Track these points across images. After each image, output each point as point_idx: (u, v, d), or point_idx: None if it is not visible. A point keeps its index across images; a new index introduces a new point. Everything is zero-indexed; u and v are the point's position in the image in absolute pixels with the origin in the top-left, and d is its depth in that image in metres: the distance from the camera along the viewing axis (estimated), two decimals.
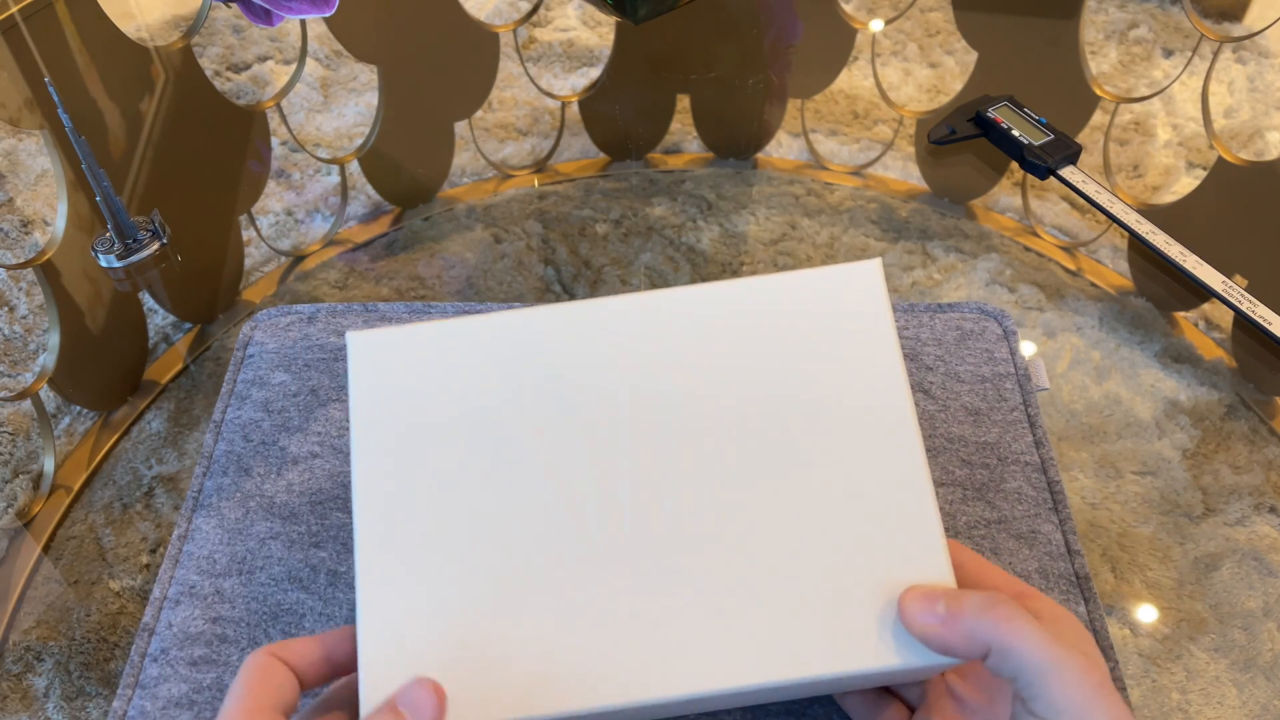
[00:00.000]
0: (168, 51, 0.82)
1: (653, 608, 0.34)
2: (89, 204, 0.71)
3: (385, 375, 0.38)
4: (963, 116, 0.76)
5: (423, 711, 0.32)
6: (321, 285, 0.69)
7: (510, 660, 0.34)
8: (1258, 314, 0.61)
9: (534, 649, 0.34)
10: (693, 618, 0.34)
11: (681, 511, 0.36)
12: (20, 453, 0.58)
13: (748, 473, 0.36)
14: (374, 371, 0.38)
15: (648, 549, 0.35)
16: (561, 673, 0.34)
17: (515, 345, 0.38)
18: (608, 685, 0.33)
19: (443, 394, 0.37)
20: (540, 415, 0.37)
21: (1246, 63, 0.85)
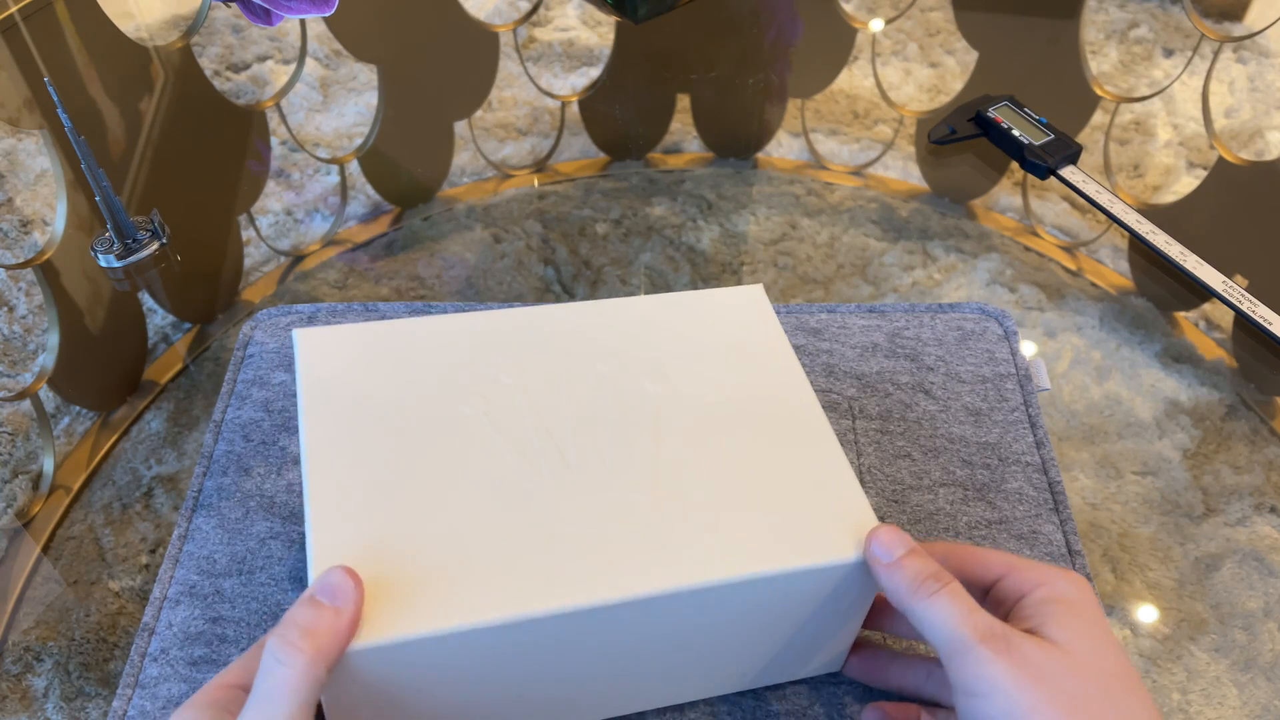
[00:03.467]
0: (167, 51, 0.82)
1: (586, 530, 0.36)
2: (88, 204, 0.71)
3: (330, 363, 0.41)
4: (963, 116, 0.76)
5: (341, 596, 0.32)
6: (321, 285, 0.69)
7: (453, 572, 0.35)
8: (1258, 314, 0.61)
9: (476, 563, 0.35)
10: (624, 538, 0.36)
11: (614, 459, 0.39)
12: (20, 453, 0.58)
13: (672, 431, 0.40)
14: (319, 360, 0.41)
15: (582, 486, 0.38)
16: (501, 582, 0.35)
17: (452, 341, 0.43)
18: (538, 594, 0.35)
19: (382, 377, 0.41)
20: (481, 397, 0.41)
21: (1247, 62, 0.85)
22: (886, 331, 0.55)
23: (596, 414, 0.40)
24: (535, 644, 0.35)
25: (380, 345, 0.42)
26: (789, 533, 0.37)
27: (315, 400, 0.40)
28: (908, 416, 0.51)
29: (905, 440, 0.51)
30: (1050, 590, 0.35)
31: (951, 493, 0.49)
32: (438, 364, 0.42)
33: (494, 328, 0.44)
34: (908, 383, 0.53)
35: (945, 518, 0.48)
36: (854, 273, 0.69)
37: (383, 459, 0.38)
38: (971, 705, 0.33)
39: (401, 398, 0.40)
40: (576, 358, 0.43)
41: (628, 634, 0.37)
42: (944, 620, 0.34)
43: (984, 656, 0.32)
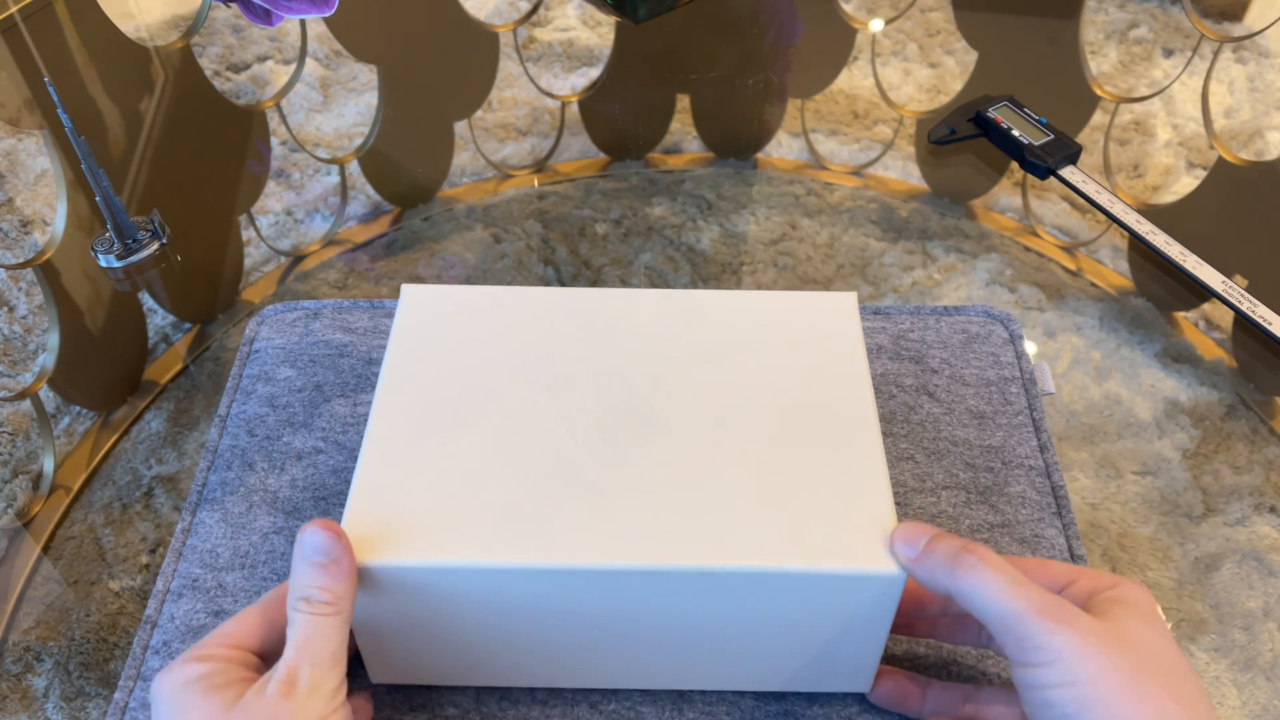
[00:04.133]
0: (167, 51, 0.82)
1: (606, 498, 0.38)
2: (88, 204, 0.71)
3: (423, 317, 0.45)
4: (963, 116, 0.76)
5: (329, 550, 0.35)
6: (321, 285, 0.69)
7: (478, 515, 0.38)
8: (1258, 314, 0.61)
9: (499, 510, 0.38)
10: (642, 511, 0.38)
11: (653, 439, 0.40)
12: (20, 453, 0.58)
13: (718, 422, 0.41)
14: (415, 317, 0.45)
15: (614, 459, 0.40)
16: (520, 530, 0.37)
17: (542, 313, 0.45)
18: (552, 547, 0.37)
19: (466, 337, 0.44)
20: (549, 366, 0.43)
21: (1247, 63, 0.85)
22: (891, 334, 0.55)
23: (649, 396, 0.42)
24: (543, 596, 0.37)
25: (473, 308, 0.45)
26: (808, 533, 0.37)
27: (402, 348, 0.44)
28: (911, 419, 0.51)
29: (909, 443, 0.51)
30: (1117, 592, 0.35)
31: (954, 495, 0.49)
32: (518, 332, 0.44)
33: (583, 306, 0.46)
34: (911, 385, 0.53)
35: (948, 520, 0.48)
36: (854, 273, 0.69)
37: (441, 410, 0.41)
38: (1030, 675, 0.33)
39: (476, 358, 0.43)
40: (647, 341, 0.44)
41: (634, 604, 0.38)
42: (994, 592, 0.34)
43: (1044, 627, 0.32)
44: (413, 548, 0.37)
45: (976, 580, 0.34)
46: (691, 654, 0.40)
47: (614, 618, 0.38)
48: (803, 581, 0.37)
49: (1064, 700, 0.32)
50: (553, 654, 0.40)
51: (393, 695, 0.43)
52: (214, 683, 0.34)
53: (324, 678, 0.34)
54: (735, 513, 0.38)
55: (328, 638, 0.35)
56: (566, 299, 0.46)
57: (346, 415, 0.51)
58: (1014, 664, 0.34)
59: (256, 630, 0.37)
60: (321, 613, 0.35)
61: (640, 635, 0.39)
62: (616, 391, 0.42)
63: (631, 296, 0.46)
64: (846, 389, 0.42)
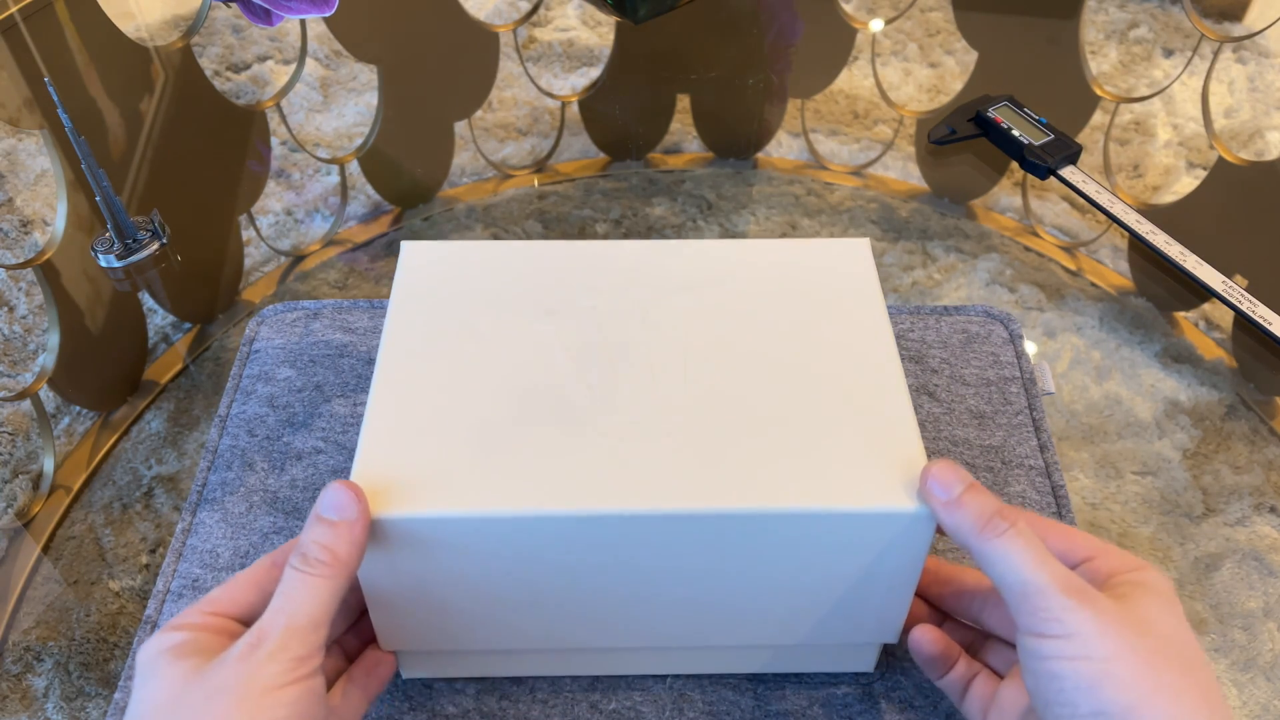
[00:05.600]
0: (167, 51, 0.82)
1: (624, 444, 0.37)
2: (88, 204, 0.71)
3: (426, 273, 0.44)
4: (963, 116, 0.76)
5: (346, 509, 0.34)
6: (321, 285, 0.69)
7: (491, 464, 0.36)
8: (1258, 314, 0.61)
9: (514, 459, 0.37)
10: (662, 455, 0.37)
11: (670, 385, 0.39)
12: (20, 453, 0.58)
13: (737, 367, 0.40)
14: (416, 273, 0.44)
15: (629, 405, 0.38)
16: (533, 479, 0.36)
17: (548, 265, 0.44)
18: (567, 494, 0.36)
19: (472, 290, 0.43)
20: (558, 316, 0.42)
21: (1247, 63, 0.85)
22: None
23: (665, 343, 0.41)
24: (559, 546, 0.36)
25: (477, 262, 0.44)
26: (839, 475, 0.36)
27: (404, 304, 0.42)
28: None
29: None
30: (1138, 576, 0.34)
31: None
32: (526, 283, 0.43)
33: (591, 257, 0.45)
34: (912, 385, 0.53)
35: None
36: None
37: (449, 362, 0.40)
38: (1041, 645, 0.32)
39: (484, 310, 0.42)
40: (659, 290, 0.43)
41: (656, 553, 0.36)
42: (1017, 563, 0.33)
43: (1064, 603, 0.32)
44: (425, 499, 0.35)
45: (1003, 548, 0.33)
46: (713, 608, 0.39)
47: (633, 569, 0.37)
48: (831, 523, 0.35)
49: (1075, 674, 0.31)
50: (567, 611, 0.39)
51: (392, 694, 0.43)
52: (187, 650, 0.33)
53: (295, 643, 0.32)
54: (759, 455, 0.37)
55: (312, 599, 0.33)
56: (573, 251, 0.45)
57: (346, 415, 0.52)
58: (1024, 633, 0.33)
59: (245, 596, 0.36)
60: (315, 571, 0.33)
61: (661, 588, 0.38)
62: (630, 339, 0.41)
63: (640, 248, 0.45)
64: (865, 331, 0.41)
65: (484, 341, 0.41)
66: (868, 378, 0.39)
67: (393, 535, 0.35)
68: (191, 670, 0.32)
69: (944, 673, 0.40)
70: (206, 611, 0.35)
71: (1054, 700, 0.32)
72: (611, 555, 0.37)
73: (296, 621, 0.33)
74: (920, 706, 0.43)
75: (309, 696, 0.33)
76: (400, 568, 0.37)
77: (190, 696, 0.32)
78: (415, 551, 0.36)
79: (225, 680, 0.32)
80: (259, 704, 0.31)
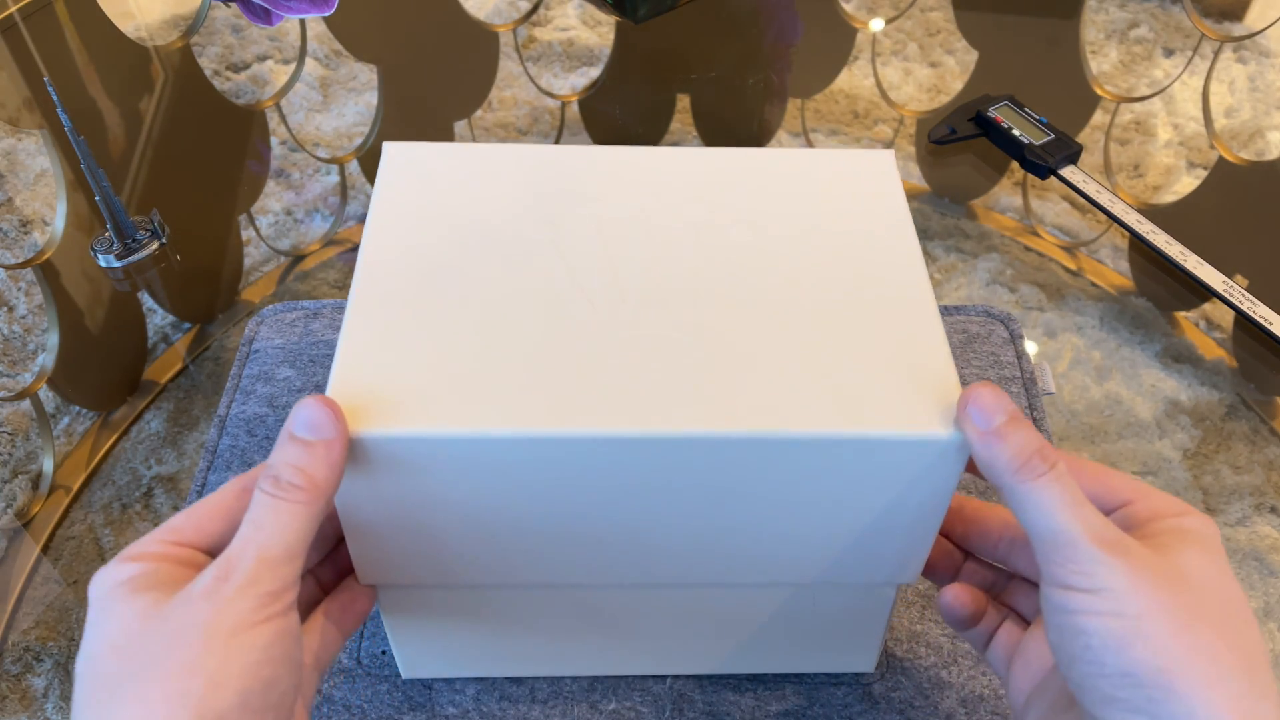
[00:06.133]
0: (167, 51, 0.82)
1: (630, 363, 0.34)
2: (88, 204, 0.71)
3: (410, 176, 0.40)
4: (963, 116, 0.76)
5: (323, 428, 0.30)
6: (321, 285, 0.69)
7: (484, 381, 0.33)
8: (1258, 314, 0.61)
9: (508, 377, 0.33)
10: (672, 375, 0.33)
11: (679, 300, 0.36)
12: (19, 453, 0.58)
13: (752, 282, 0.36)
14: (401, 175, 0.40)
15: (636, 321, 0.35)
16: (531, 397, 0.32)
17: (546, 170, 0.41)
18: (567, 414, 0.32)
19: (459, 195, 0.39)
20: (556, 225, 0.38)
21: (1247, 62, 0.85)
22: None
23: (671, 255, 0.37)
24: (557, 470, 0.33)
25: (465, 165, 0.41)
26: (864, 398, 0.33)
27: (387, 207, 0.39)
28: None
29: None
30: (1181, 522, 0.31)
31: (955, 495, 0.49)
32: (518, 189, 0.40)
33: (591, 163, 0.41)
34: None
35: None
36: None
37: (437, 269, 0.37)
38: (1067, 598, 0.30)
39: (472, 216, 0.39)
40: (666, 199, 0.40)
41: (659, 481, 0.33)
42: (1051, 509, 0.30)
43: (1094, 554, 0.29)
44: (411, 416, 0.32)
45: (1037, 492, 0.30)
46: (721, 540, 0.36)
47: (636, 497, 0.34)
48: (854, 450, 0.32)
49: (1102, 630, 0.29)
50: (563, 543, 0.36)
51: (392, 694, 0.43)
52: (145, 583, 0.29)
53: (267, 575, 0.29)
54: (776, 375, 0.33)
55: (286, 527, 0.29)
56: (573, 156, 0.41)
57: None
58: (1050, 584, 0.30)
59: (210, 524, 0.32)
60: (289, 497, 0.30)
61: (666, 518, 0.35)
62: (635, 250, 0.37)
63: (646, 154, 0.41)
64: (891, 246, 0.38)
65: (474, 250, 0.37)
66: (894, 293, 0.36)
67: (374, 456, 0.32)
68: (151, 606, 0.28)
69: (971, 626, 0.38)
70: (167, 540, 0.31)
71: (1079, 657, 0.29)
72: (613, 482, 0.33)
73: (268, 552, 0.29)
74: (920, 707, 0.43)
75: (283, 637, 0.29)
76: (381, 493, 0.33)
77: (149, 637, 0.28)
78: (398, 475, 0.32)
79: (189, 619, 0.28)
80: (227, 646, 0.28)
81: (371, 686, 0.44)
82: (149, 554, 0.30)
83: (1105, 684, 0.29)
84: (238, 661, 0.28)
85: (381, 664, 0.44)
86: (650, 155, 0.42)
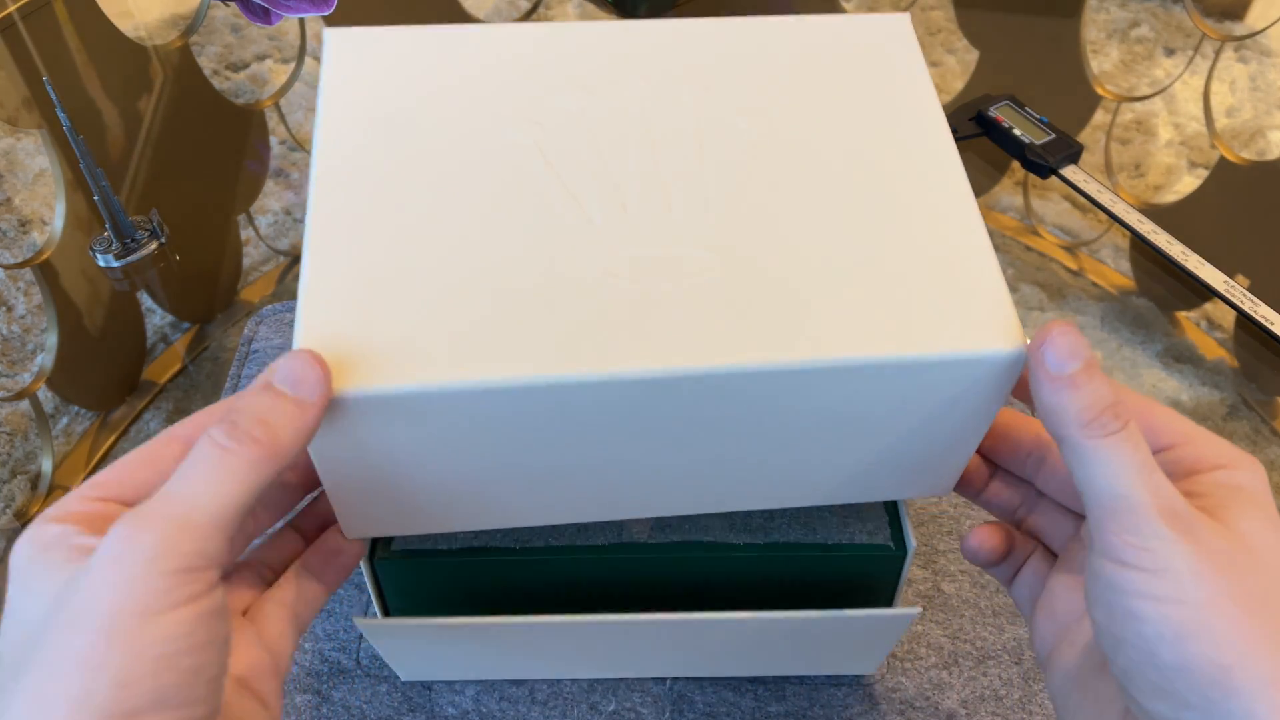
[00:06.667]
0: (166, 50, 0.82)
1: (640, 287, 0.30)
2: (87, 203, 0.71)
3: (363, 69, 0.34)
4: (964, 115, 0.76)
5: (304, 385, 0.26)
6: None
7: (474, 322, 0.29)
8: (1260, 314, 0.61)
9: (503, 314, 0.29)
10: (687, 300, 0.29)
11: (687, 206, 0.31)
12: (18, 453, 0.58)
13: (766, 179, 0.32)
14: (350, 65, 0.34)
15: (642, 236, 0.31)
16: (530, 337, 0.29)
17: (522, 55, 0.35)
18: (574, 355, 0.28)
19: (422, 90, 0.34)
20: (539, 121, 0.33)
21: (1248, 62, 0.85)
22: None
23: (673, 151, 0.33)
24: (567, 418, 0.29)
25: (425, 53, 0.35)
26: (908, 313, 0.29)
27: (337, 111, 0.33)
28: None
29: None
30: (1232, 475, 0.29)
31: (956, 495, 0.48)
32: (489, 80, 0.34)
33: (576, 44, 0.36)
34: None
35: (949, 520, 0.48)
36: None
37: (406, 186, 0.32)
38: (1122, 578, 0.27)
39: (441, 117, 0.33)
40: (659, 83, 0.35)
41: (680, 423, 0.30)
42: (1118, 472, 0.27)
43: (1161, 531, 0.26)
44: (395, 368, 0.28)
45: (1105, 450, 0.27)
46: (745, 475, 0.33)
47: (656, 441, 0.31)
48: (904, 372, 0.29)
49: (1158, 618, 0.26)
50: (573, 487, 0.32)
51: (391, 695, 0.43)
52: (63, 550, 0.25)
53: (186, 545, 0.24)
54: (809, 292, 0.30)
55: (223, 486, 0.25)
56: (550, 36, 0.36)
57: None
58: (1102, 556, 0.27)
59: (142, 473, 0.27)
60: (240, 450, 0.25)
61: (684, 460, 0.32)
62: (633, 148, 0.33)
63: (631, 29, 0.36)
64: (916, 129, 0.34)
65: (446, 162, 0.32)
66: (927, 187, 0.32)
67: (355, 413, 0.28)
68: (70, 580, 0.24)
69: (996, 564, 0.35)
70: (92, 497, 0.26)
71: (1129, 643, 0.27)
72: (634, 424, 0.30)
73: (192, 516, 0.24)
74: (921, 708, 0.43)
75: (207, 619, 0.24)
76: (366, 450, 0.29)
77: (52, 620, 0.23)
78: (384, 431, 0.29)
79: (91, 599, 0.23)
80: (137, 635, 0.23)
81: (371, 687, 0.44)
82: (72, 513, 0.26)
83: (1156, 675, 0.26)
84: (150, 654, 0.23)
85: (381, 664, 0.44)
86: (637, 31, 0.36)
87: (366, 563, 0.37)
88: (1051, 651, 0.32)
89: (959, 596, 0.47)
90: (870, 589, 0.39)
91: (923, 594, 0.47)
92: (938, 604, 0.46)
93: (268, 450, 0.25)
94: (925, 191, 0.32)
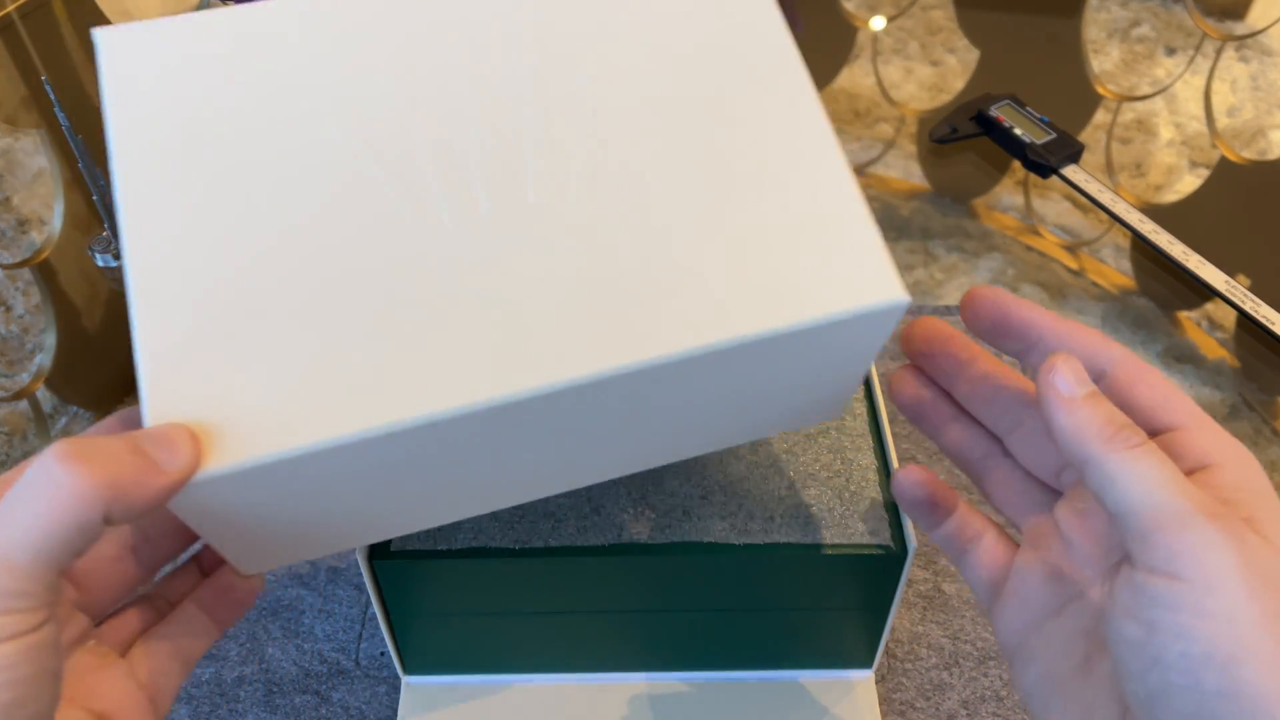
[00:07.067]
0: None
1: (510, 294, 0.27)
2: (86, 203, 0.70)
3: (149, 74, 0.30)
4: (965, 115, 0.75)
5: (174, 457, 0.25)
6: None
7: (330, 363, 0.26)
8: (1260, 314, 0.61)
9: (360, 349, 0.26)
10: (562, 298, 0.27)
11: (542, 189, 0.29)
12: (17, 453, 0.58)
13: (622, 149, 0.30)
14: (134, 73, 0.30)
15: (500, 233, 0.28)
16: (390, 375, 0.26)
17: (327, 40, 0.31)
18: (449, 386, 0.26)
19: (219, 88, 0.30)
20: (363, 111, 0.30)
21: (1249, 61, 0.84)
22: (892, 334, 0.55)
23: (518, 129, 0.30)
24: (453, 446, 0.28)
25: (213, 44, 0.31)
26: (782, 281, 0.28)
27: (126, 127, 0.29)
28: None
29: (909, 443, 0.50)
30: (1244, 473, 0.28)
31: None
32: (291, 64, 0.30)
33: (368, 11, 0.31)
34: None
35: None
36: None
37: (226, 213, 0.28)
38: (1164, 591, 0.24)
39: (246, 117, 0.29)
40: (486, 49, 0.31)
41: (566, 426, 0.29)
42: (1154, 481, 0.26)
43: (1213, 540, 0.24)
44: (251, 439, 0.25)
45: (1133, 461, 0.26)
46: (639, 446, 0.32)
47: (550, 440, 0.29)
48: (791, 340, 0.28)
49: (1207, 638, 0.24)
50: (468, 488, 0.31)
51: (392, 695, 0.43)
52: None
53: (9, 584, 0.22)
54: (686, 274, 0.28)
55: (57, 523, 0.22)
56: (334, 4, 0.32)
57: None
58: (1140, 568, 0.25)
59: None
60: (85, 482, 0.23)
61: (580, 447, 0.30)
62: (472, 129, 0.30)
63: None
64: (774, 83, 0.32)
65: (269, 175, 0.29)
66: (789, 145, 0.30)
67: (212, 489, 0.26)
68: None
69: (938, 522, 0.33)
70: None
71: (1166, 663, 0.24)
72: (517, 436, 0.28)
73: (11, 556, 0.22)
74: (921, 709, 0.43)
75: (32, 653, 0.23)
76: (234, 511, 0.27)
77: None
78: (248, 496, 0.27)
79: None
80: None
81: (371, 688, 0.44)
82: None
83: (1194, 700, 0.24)
84: None
85: (381, 665, 0.44)
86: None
87: (366, 563, 0.37)
88: (1021, 643, 0.30)
89: (959, 597, 0.47)
90: (870, 589, 0.39)
91: (923, 594, 0.47)
92: (938, 604, 0.46)
93: (107, 485, 0.23)
94: (789, 147, 0.30)
